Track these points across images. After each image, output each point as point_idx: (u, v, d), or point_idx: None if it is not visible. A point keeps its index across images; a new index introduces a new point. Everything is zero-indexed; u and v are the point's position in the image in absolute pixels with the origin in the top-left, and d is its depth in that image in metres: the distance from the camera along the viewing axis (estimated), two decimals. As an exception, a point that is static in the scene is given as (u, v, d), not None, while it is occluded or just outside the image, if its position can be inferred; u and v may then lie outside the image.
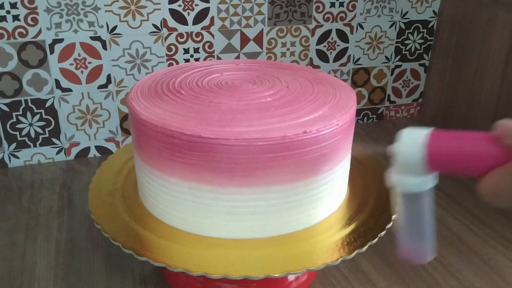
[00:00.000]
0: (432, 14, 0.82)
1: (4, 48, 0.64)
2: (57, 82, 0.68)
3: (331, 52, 0.80)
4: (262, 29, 0.74)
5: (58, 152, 0.72)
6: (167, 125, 0.38)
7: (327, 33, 0.78)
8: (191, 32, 0.71)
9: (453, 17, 0.80)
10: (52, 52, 0.66)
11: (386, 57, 0.84)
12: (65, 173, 0.70)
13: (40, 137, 0.70)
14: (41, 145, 0.71)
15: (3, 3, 0.61)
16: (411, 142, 0.30)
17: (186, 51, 0.72)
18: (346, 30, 0.79)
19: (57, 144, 0.72)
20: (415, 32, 0.83)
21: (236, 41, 0.74)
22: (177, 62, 0.73)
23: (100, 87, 0.70)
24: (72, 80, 0.68)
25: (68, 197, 0.63)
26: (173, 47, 0.71)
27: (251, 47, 0.75)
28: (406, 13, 0.81)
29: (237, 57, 0.75)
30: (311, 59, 0.79)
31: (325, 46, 0.79)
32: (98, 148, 0.74)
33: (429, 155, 0.30)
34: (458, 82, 0.81)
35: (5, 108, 0.67)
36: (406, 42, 0.83)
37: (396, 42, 0.83)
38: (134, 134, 0.43)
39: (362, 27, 0.79)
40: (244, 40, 0.74)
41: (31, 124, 0.69)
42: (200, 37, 0.72)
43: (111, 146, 0.75)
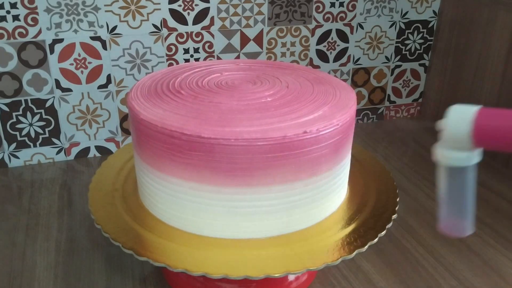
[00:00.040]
0: (432, 14, 0.82)
1: (4, 48, 0.64)
2: (57, 82, 0.68)
3: (331, 52, 0.80)
4: (262, 29, 0.74)
5: (58, 152, 0.72)
6: (167, 125, 0.38)
7: (327, 33, 0.78)
8: (191, 32, 0.71)
9: (453, 17, 0.80)
10: (52, 52, 0.66)
11: (386, 57, 0.84)
12: (65, 173, 0.70)
13: (40, 137, 0.70)
14: (41, 145, 0.71)
15: (3, 3, 0.61)
16: (459, 118, 0.32)
17: (186, 51, 0.72)
18: (346, 30, 0.79)
19: (57, 144, 0.72)
20: (415, 32, 0.83)
21: (236, 41, 0.74)
22: (177, 62, 0.73)
23: (100, 87, 0.70)
24: (72, 80, 0.68)
25: (68, 197, 0.63)
26: (173, 47, 0.71)
27: (251, 47, 0.75)
28: (406, 13, 0.81)
29: (237, 57, 0.75)
30: (311, 59, 0.79)
31: (325, 46, 0.79)
32: (98, 148, 0.74)
33: (476, 130, 0.31)
34: (458, 82, 0.81)
35: (5, 108, 0.67)
36: (406, 42, 0.83)
37: (396, 42, 0.83)
38: (134, 134, 0.43)
39: (362, 27, 0.79)
40: (244, 40, 0.74)
41: (31, 124, 0.69)
42: (200, 37, 0.72)
43: (111, 146, 0.75)
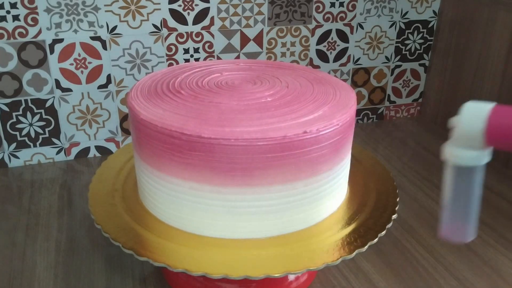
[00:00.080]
0: (432, 14, 0.82)
1: (4, 48, 0.64)
2: (57, 82, 0.68)
3: (331, 52, 0.80)
4: (262, 29, 0.74)
5: (58, 152, 0.72)
6: (167, 125, 0.38)
7: (327, 33, 0.78)
8: (191, 32, 0.71)
9: (453, 17, 0.80)
10: (52, 52, 0.66)
11: (386, 57, 0.84)
12: (65, 173, 0.70)
13: (40, 137, 0.70)
14: (41, 145, 0.71)
15: (3, 3, 0.61)
16: (473, 115, 0.31)
17: (186, 51, 0.72)
18: (346, 30, 0.79)
19: (57, 144, 0.72)
20: (415, 32, 0.83)
21: (236, 41, 0.74)
22: (177, 62, 0.73)
23: (100, 87, 0.70)
24: (72, 80, 0.68)
25: (68, 197, 0.63)
26: (173, 47, 0.71)
27: (251, 47, 0.75)
28: (406, 13, 0.81)
29: (237, 57, 0.75)
30: (311, 59, 0.79)
31: (325, 46, 0.79)
32: (98, 148, 0.74)
33: (490, 128, 0.30)
34: (458, 82, 0.81)
35: (5, 108, 0.67)
36: (406, 42, 0.83)
37: (396, 42, 0.83)
38: (134, 134, 0.43)
39: (362, 27, 0.79)
40: (244, 40, 0.74)
41: (31, 124, 0.69)
42: (200, 37, 0.72)
43: (111, 146, 0.75)
